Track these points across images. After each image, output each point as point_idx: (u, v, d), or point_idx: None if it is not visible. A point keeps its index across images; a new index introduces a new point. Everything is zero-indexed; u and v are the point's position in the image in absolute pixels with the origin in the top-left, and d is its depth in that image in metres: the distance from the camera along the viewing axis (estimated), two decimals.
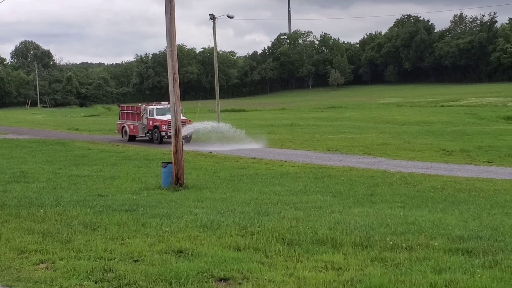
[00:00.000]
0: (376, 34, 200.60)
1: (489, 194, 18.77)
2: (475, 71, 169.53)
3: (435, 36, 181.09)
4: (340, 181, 22.42)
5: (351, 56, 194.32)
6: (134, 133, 47.21)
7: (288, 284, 8.97)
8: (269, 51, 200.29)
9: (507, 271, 9.31)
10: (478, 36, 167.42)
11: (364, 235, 12.00)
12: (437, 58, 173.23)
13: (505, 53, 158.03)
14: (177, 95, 21.80)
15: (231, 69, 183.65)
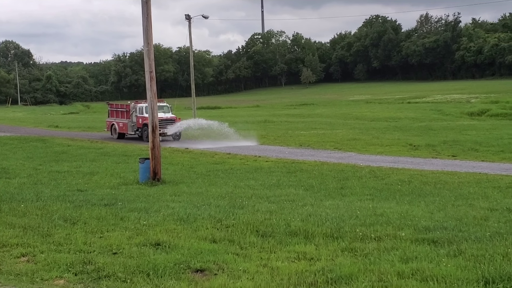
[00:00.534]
0: (346, 34, 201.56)
1: (454, 186, 18.88)
2: (440, 69, 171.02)
3: (402, 35, 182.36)
4: (312, 175, 22.45)
5: (322, 55, 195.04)
6: (124, 130, 45.66)
7: (262, 274, 8.96)
8: (243, 50, 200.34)
9: (471, 259, 9.39)
10: (443, 35, 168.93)
11: (335, 226, 12.04)
12: (404, 56, 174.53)
13: (469, 52, 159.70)
14: (154, 93, 21.70)
15: (207, 67, 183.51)
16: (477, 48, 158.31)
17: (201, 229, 12.18)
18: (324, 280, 8.52)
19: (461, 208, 14.49)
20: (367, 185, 19.42)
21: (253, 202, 15.59)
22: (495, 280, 8.27)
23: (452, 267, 8.90)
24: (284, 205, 15.17)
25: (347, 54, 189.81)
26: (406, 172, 23.33)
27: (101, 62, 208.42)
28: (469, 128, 45.27)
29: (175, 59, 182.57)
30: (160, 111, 40.17)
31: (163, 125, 39.98)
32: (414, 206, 14.91)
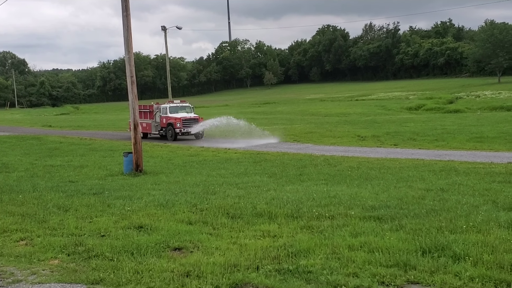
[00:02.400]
0: (302, 41, 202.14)
1: (395, 171, 18.95)
2: (383, 70, 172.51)
3: (350, 42, 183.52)
4: (275, 164, 22.43)
5: (282, 60, 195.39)
6: (147, 130, 41.53)
7: (232, 251, 8.96)
8: (213, 57, 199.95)
9: (410, 233, 9.49)
10: (385, 41, 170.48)
11: (295, 208, 12.06)
12: (352, 60, 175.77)
13: (407, 56, 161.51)
14: (134, 95, 21.49)
15: (181, 72, 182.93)
16: (414, 52, 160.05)
17: (179, 213, 12.11)
18: (285, 254, 8.53)
19: (401, 189, 14.59)
20: (322, 172, 19.43)
21: (224, 189, 15.55)
22: (431, 250, 8.37)
23: (394, 240, 8.99)
24: (251, 190, 15.15)
25: (303, 59, 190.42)
26: (355, 159, 23.47)
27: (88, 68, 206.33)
28: (408, 121, 45.71)
29: (153, 65, 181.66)
30: (183, 111, 40.04)
31: (188, 124, 38.76)
32: (362, 188, 14.97)
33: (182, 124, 38.44)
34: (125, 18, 20.95)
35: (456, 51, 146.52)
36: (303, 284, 7.27)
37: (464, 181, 15.57)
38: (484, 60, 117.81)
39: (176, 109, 40.34)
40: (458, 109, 70.15)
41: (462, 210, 11.27)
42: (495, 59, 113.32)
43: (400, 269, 7.66)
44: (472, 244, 8.50)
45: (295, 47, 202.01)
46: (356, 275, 7.51)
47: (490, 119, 43.16)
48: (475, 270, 7.43)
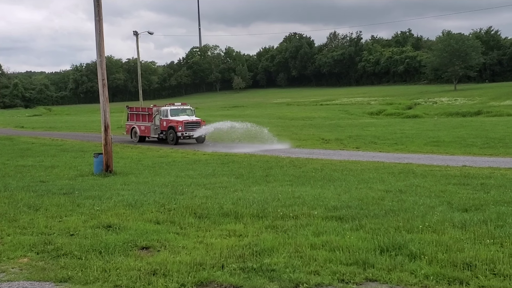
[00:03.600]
0: (270, 48, 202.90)
1: (357, 172, 19.06)
2: (346, 77, 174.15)
3: (315, 49, 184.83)
4: (242, 166, 22.38)
5: (250, 65, 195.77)
6: (146, 134, 38.58)
7: (198, 250, 8.88)
8: (183, 61, 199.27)
9: (369, 232, 9.54)
10: (348, 49, 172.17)
11: (260, 208, 12.03)
12: (317, 67, 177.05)
13: (369, 63, 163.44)
14: (106, 98, 21.22)
15: (152, 76, 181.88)
16: (375, 60, 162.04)
17: (147, 213, 11.97)
18: (250, 252, 8.49)
19: (362, 190, 14.67)
20: (287, 173, 19.43)
21: (192, 189, 15.42)
22: (388, 248, 8.42)
23: (354, 239, 9.02)
24: (218, 191, 15.06)
25: (271, 64, 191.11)
26: (319, 161, 23.56)
27: (61, 71, 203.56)
28: (369, 125, 46.20)
29: (125, 69, 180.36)
30: (184, 114, 37.08)
31: (190, 127, 35.93)
32: (325, 189, 14.99)
33: (184, 127, 35.73)
34: (97, 22, 20.71)
35: (415, 60, 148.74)
36: (267, 282, 7.24)
37: (421, 183, 15.73)
38: (441, 69, 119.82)
39: (177, 111, 37.42)
40: (417, 115, 71.23)
41: (419, 210, 11.38)
42: (451, 67, 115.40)
43: (360, 267, 7.69)
44: (428, 244, 8.58)
45: (263, 53, 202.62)
46: (317, 273, 7.50)
47: (446, 125, 43.90)
48: (430, 268, 7.50)
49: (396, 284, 7.08)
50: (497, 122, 47.05)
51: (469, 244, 8.60)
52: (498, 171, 18.47)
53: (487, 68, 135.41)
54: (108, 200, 13.66)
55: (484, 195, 13.38)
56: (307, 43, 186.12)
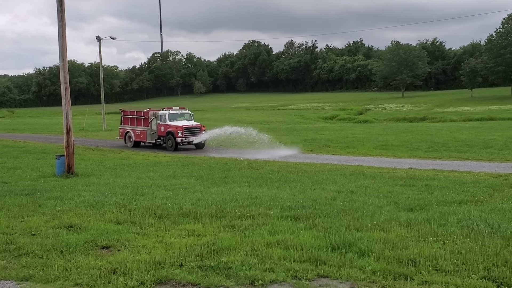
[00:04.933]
0: (230, 54, 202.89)
1: (311, 174, 19.18)
2: (302, 83, 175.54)
3: (273, 57, 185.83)
4: (202, 167, 22.27)
5: (210, 70, 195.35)
6: (141, 139, 35.21)
7: (157, 249, 8.81)
8: (145, 66, 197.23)
9: (322, 231, 9.63)
10: (304, 57, 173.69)
11: (219, 208, 12.01)
12: (275, 73, 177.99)
13: (323, 71, 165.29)
14: (68, 101, 20.81)
15: (114, 80, 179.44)
16: (329, 68, 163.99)
17: (108, 213, 11.81)
18: (208, 251, 8.47)
19: (316, 191, 14.78)
20: (245, 175, 19.43)
21: (152, 190, 15.28)
22: (339, 246, 8.52)
23: (307, 237, 9.09)
24: (178, 192, 14.97)
25: (230, 70, 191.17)
26: (276, 163, 23.60)
27: (24, 74, 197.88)
28: (323, 129, 46.68)
29: (88, 73, 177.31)
30: (182, 119, 34.04)
31: (190, 133, 32.77)
32: (281, 190, 15.05)
33: (184, 133, 32.56)
34: (60, 27, 20.34)
35: (366, 68, 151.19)
36: (223, 279, 7.24)
37: (370, 184, 15.96)
38: (390, 77, 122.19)
39: (175, 116, 33.98)
40: (367, 120, 72.34)
41: (368, 210, 11.55)
42: (399, 76, 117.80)
43: (312, 264, 7.76)
44: (376, 241, 8.73)
45: (223, 59, 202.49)
46: (272, 270, 7.54)
47: (394, 129, 44.75)
48: (377, 264, 7.63)
49: (345, 279, 7.16)
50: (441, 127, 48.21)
51: (414, 242, 8.77)
52: (441, 173, 18.88)
53: (432, 77, 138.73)
54: (70, 201, 13.41)
55: (428, 195, 13.69)
56: (266, 51, 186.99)
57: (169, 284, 7.24)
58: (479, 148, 28.45)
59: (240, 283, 7.11)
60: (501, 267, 7.37)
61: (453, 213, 11.05)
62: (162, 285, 7.20)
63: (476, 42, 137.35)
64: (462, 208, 11.75)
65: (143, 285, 7.17)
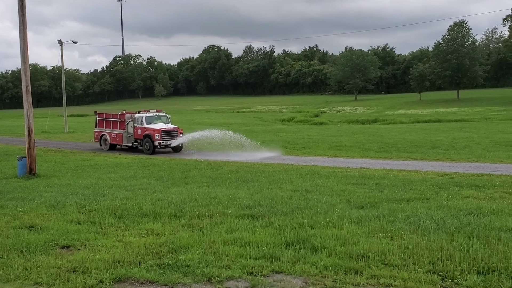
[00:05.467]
0: (190, 58, 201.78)
1: (269, 174, 19.19)
2: (260, 87, 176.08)
3: (232, 61, 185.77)
4: (162, 168, 22.06)
5: (171, 74, 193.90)
6: (117, 142, 33.65)
7: (117, 248, 8.69)
8: (107, 69, 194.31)
9: (277, 228, 9.67)
10: (262, 62, 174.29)
11: (178, 208, 11.91)
12: (234, 77, 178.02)
13: (281, 75, 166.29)
14: (29, 103, 20.34)
15: (76, 83, 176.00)
16: (286, 72, 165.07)
17: (69, 214, 11.58)
18: (166, 250, 8.40)
19: (273, 190, 14.79)
20: (205, 175, 19.31)
21: (113, 191, 15.04)
22: (294, 243, 8.57)
23: (263, 235, 9.11)
24: (138, 192, 14.78)
25: (191, 74, 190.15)
26: (234, 164, 23.53)
27: None
28: (281, 131, 46.90)
29: (50, 76, 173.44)
30: (159, 122, 32.62)
31: (167, 136, 31.49)
32: (239, 190, 15.03)
33: (162, 136, 31.28)
34: (22, 31, 19.90)
35: (321, 72, 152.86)
36: (181, 276, 7.19)
37: (325, 183, 16.09)
38: (344, 81, 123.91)
39: (152, 119, 32.63)
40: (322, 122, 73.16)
41: (322, 208, 11.65)
42: (352, 80, 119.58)
43: (267, 260, 7.78)
44: (328, 238, 8.81)
45: (184, 63, 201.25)
46: (228, 267, 7.53)
47: (348, 131, 45.36)
48: (329, 259, 7.70)
49: (299, 275, 7.21)
50: (391, 129, 49.16)
51: (364, 238, 8.90)
52: (391, 172, 19.22)
53: (383, 81, 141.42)
54: (31, 202, 13.12)
55: (378, 193, 13.91)
56: (225, 55, 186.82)
57: (127, 282, 7.15)
58: (426, 148, 29.11)
59: (197, 280, 7.08)
60: (445, 261, 7.52)
61: (402, 210, 11.26)
62: (121, 283, 7.11)
63: (424, 48, 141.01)
64: (410, 205, 11.98)
65: (102, 283, 7.07)
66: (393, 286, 6.70)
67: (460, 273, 7.07)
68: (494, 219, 10.17)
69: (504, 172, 18.45)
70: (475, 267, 7.23)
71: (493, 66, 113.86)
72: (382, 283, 6.83)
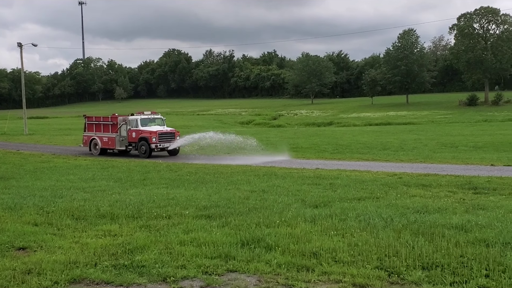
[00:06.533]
0: (151, 62, 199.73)
1: (227, 175, 19.10)
2: (220, 90, 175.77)
3: (193, 64, 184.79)
4: (121, 170, 21.70)
5: (131, 77, 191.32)
6: (109, 146, 31.37)
7: (73, 249, 8.47)
8: (67, 72, 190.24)
9: (234, 228, 9.62)
10: (222, 66, 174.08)
11: (136, 209, 11.71)
12: (195, 80, 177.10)
13: (240, 79, 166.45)
14: None
15: (36, 85, 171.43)
16: (245, 76, 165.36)
17: (26, 215, 11.23)
18: (123, 251, 8.24)
19: (231, 191, 14.73)
20: (164, 177, 19.08)
21: (71, 193, 14.68)
22: (249, 242, 8.53)
23: (220, 235, 9.04)
24: (96, 194, 14.48)
25: (151, 77, 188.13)
26: (193, 166, 23.37)
27: None
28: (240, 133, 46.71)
29: (10, 78, 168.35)
30: (154, 124, 30.69)
31: (164, 139, 29.50)
32: (197, 191, 14.88)
33: (159, 138, 29.31)
34: None
35: (279, 77, 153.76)
36: (136, 277, 7.06)
37: (281, 184, 16.13)
38: (301, 85, 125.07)
39: (147, 121, 30.69)
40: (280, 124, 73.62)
41: (278, 207, 11.66)
42: (309, 84, 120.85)
43: (222, 259, 7.72)
44: (282, 236, 8.81)
45: (144, 66, 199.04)
46: (184, 267, 7.43)
47: (304, 133, 45.78)
48: (283, 257, 7.69)
49: (253, 273, 7.18)
50: (345, 131, 49.90)
51: (317, 236, 8.94)
52: (344, 173, 19.44)
53: (338, 86, 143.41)
54: None
55: (332, 193, 14.03)
56: (185, 59, 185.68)
57: (82, 283, 6.98)
58: (377, 149, 29.67)
59: (152, 280, 6.97)
60: (392, 257, 7.61)
61: (353, 208, 11.39)
62: (76, 284, 6.94)
63: (376, 54, 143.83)
64: (361, 204, 12.14)
65: (57, 284, 6.89)
66: (343, 282, 6.75)
67: (406, 268, 7.17)
68: (439, 216, 10.40)
69: (449, 172, 18.94)
70: (420, 263, 7.36)
71: (440, 72, 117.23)
72: (332, 280, 6.88)
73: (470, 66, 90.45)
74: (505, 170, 19.56)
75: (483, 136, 40.00)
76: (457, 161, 23.31)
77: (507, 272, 6.88)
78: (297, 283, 6.75)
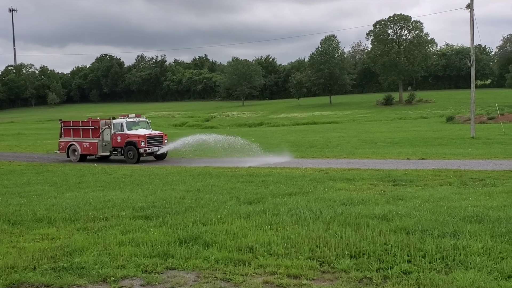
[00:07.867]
0: (83, 67, 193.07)
1: (162, 176, 18.88)
2: (153, 94, 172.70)
3: (125, 69, 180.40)
4: (56, 174, 20.93)
5: (64, 82, 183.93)
6: (90, 152, 28.59)
7: (11, 254, 8.05)
8: None
9: (171, 227, 9.50)
10: (154, 70, 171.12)
11: (73, 212, 11.33)
12: (127, 85, 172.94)
13: (172, 82, 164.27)
14: None
15: None
16: (178, 80, 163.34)
17: None
18: (61, 253, 7.92)
19: (167, 191, 14.58)
20: (99, 180, 18.60)
21: (6, 198, 13.99)
22: (186, 240, 8.45)
23: (158, 234, 8.91)
24: (32, 198, 13.88)
25: (84, 82, 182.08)
26: (128, 168, 22.95)
27: None
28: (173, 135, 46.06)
29: None
30: (138, 127, 28.12)
31: (153, 142, 27.30)
32: (133, 192, 14.61)
33: (147, 142, 27.01)
34: None
35: (211, 80, 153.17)
36: (76, 278, 6.81)
37: (216, 183, 16.12)
38: (232, 88, 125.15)
39: (131, 124, 28.10)
40: (213, 126, 73.43)
41: (213, 206, 11.64)
42: (239, 87, 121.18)
43: (161, 258, 7.60)
44: (219, 233, 8.79)
45: (77, 71, 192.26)
46: (123, 266, 7.25)
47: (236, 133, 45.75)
48: (220, 253, 7.67)
49: (192, 270, 7.11)
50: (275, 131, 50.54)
51: (252, 231, 8.99)
52: (276, 170, 19.70)
53: (267, 88, 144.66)
54: None
55: (264, 190, 14.19)
56: (118, 64, 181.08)
57: (22, 286, 6.65)
58: (305, 147, 30.27)
59: (92, 281, 6.75)
60: (322, 247, 7.76)
61: (285, 203, 11.55)
62: None
63: (301, 58, 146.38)
64: (292, 199, 12.34)
65: None
66: (278, 274, 6.82)
67: (336, 257, 7.34)
68: (363, 208, 10.75)
69: (370, 167, 19.64)
70: (348, 252, 7.56)
71: (359, 75, 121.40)
72: (268, 272, 6.93)
73: (386, 69, 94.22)
74: (419, 163, 20.53)
75: (399, 132, 41.79)
76: (377, 156, 24.20)
77: (427, 257, 7.20)
78: (235, 277, 6.75)
